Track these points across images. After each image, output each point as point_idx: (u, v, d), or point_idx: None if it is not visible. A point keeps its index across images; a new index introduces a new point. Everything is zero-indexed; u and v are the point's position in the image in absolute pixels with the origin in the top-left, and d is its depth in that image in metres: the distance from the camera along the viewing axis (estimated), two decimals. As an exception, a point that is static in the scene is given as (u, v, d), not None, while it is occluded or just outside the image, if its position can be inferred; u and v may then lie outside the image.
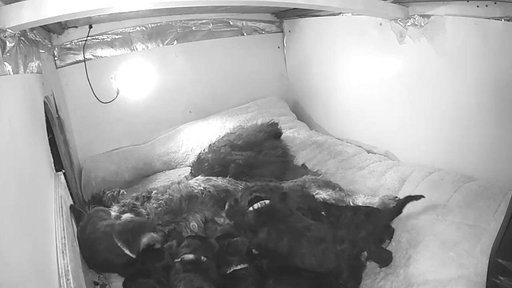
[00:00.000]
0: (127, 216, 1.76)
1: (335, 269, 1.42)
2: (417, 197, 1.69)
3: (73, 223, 1.70)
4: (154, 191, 2.00)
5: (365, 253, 1.47)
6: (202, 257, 1.53)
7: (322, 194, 1.92)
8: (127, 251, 1.54)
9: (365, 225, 1.64)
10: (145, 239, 1.56)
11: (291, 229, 1.51)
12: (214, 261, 1.55)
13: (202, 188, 1.91)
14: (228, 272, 1.50)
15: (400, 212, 1.70)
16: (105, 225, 1.63)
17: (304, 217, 1.63)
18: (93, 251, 1.59)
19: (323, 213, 1.75)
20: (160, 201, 1.87)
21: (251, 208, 1.61)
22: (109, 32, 2.75)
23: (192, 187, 1.93)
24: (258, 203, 1.62)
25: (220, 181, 2.00)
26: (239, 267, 1.50)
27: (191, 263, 1.51)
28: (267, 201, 1.62)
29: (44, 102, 1.91)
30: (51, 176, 1.68)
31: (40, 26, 2.04)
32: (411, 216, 1.73)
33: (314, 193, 1.92)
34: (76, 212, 1.74)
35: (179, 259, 1.54)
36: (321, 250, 1.43)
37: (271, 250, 1.51)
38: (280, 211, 1.60)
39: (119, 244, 1.54)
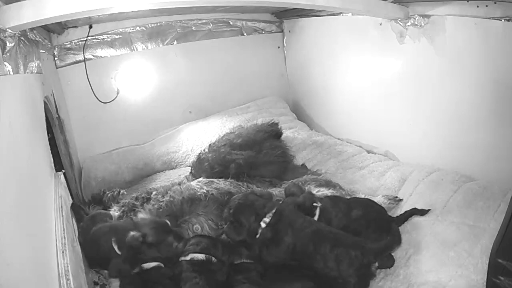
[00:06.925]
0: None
1: (344, 274, 1.39)
2: (423, 211, 1.72)
3: (74, 222, 1.70)
4: (154, 192, 1.99)
5: (376, 264, 1.46)
6: (213, 259, 1.52)
7: (324, 192, 1.92)
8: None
9: (376, 222, 1.63)
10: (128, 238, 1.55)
11: (317, 232, 1.49)
12: (226, 254, 1.55)
13: (205, 191, 1.88)
14: (236, 263, 1.53)
15: (405, 220, 1.72)
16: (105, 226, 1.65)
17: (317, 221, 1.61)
18: (95, 250, 1.61)
19: (316, 204, 1.68)
20: (161, 203, 1.86)
21: (263, 224, 1.56)
22: (109, 32, 2.75)
23: (194, 189, 1.91)
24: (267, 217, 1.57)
25: (222, 183, 1.98)
26: (247, 260, 1.54)
27: (199, 264, 1.49)
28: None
29: (44, 102, 1.91)
30: (51, 176, 1.68)
31: (40, 26, 2.04)
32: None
33: (315, 191, 1.92)
34: (77, 208, 1.74)
35: (188, 258, 1.52)
36: (335, 254, 1.41)
37: (298, 252, 1.49)
38: (294, 217, 1.57)
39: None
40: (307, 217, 1.58)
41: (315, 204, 1.67)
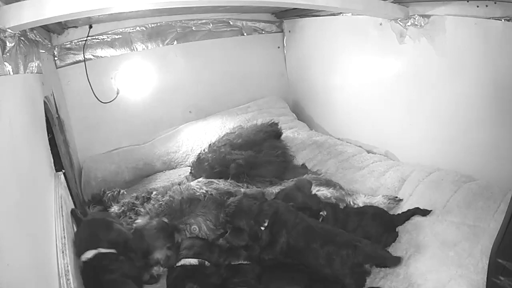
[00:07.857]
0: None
1: (338, 273, 1.41)
2: (426, 212, 1.72)
3: (73, 225, 1.70)
4: (154, 192, 1.99)
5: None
6: (206, 263, 1.53)
7: (324, 191, 1.91)
8: None
9: (373, 227, 1.64)
10: None
11: (308, 228, 1.52)
12: (223, 256, 1.56)
13: (204, 191, 1.88)
14: (233, 264, 1.54)
15: (408, 219, 1.72)
16: None
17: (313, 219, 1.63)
18: None
19: (322, 213, 1.71)
20: (161, 202, 1.86)
21: (262, 228, 1.57)
22: (109, 32, 2.75)
23: (194, 189, 1.91)
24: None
25: (222, 184, 1.98)
26: (244, 262, 1.55)
27: (192, 269, 1.50)
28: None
29: (44, 102, 1.91)
30: (51, 176, 1.68)
31: (40, 26, 2.04)
32: (411, 216, 1.74)
33: (315, 191, 1.92)
34: (77, 217, 1.73)
35: (180, 263, 1.53)
36: (326, 251, 1.43)
37: (291, 249, 1.51)
38: (288, 215, 1.58)
39: None
40: (299, 214, 1.59)
41: (321, 213, 1.70)
